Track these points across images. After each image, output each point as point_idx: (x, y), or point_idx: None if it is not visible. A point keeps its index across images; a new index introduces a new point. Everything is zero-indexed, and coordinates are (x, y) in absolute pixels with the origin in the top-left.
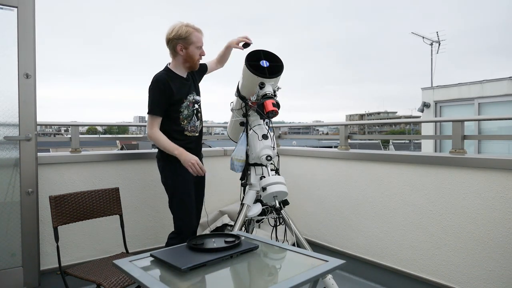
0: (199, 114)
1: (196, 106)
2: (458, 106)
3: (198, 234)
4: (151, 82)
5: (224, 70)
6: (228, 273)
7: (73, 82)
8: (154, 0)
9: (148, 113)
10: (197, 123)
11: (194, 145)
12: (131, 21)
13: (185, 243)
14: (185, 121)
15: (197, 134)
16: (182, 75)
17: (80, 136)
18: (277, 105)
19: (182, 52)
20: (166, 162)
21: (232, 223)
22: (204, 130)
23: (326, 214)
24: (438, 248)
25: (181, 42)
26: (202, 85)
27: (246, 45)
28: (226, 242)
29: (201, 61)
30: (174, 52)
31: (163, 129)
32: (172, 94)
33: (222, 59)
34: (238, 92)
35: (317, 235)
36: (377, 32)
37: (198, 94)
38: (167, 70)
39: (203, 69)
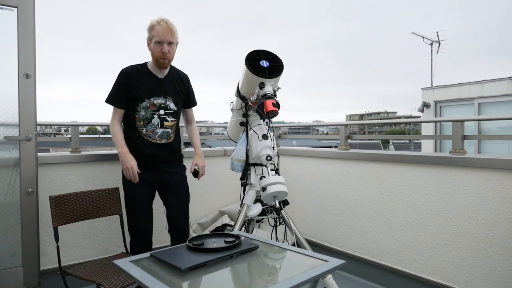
0: (165, 123)
1: (162, 112)
2: (458, 106)
3: (198, 234)
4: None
5: (224, 70)
6: (228, 273)
7: (73, 82)
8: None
9: (105, 100)
10: (159, 130)
11: (162, 153)
12: (131, 21)
13: (185, 243)
14: (141, 122)
15: (163, 142)
16: (156, 74)
17: (80, 136)
18: (277, 105)
19: (148, 47)
20: None
21: (232, 223)
22: (204, 130)
23: (326, 214)
24: (438, 248)
25: (148, 35)
26: (202, 84)
27: (196, 173)
28: (226, 242)
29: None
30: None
31: (125, 123)
32: (132, 89)
33: (187, 130)
34: (238, 92)
35: (317, 235)
36: (377, 32)
37: (175, 102)
38: (142, 64)
39: (186, 86)
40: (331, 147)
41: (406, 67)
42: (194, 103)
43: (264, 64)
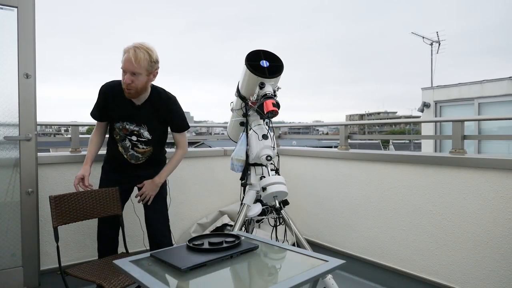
0: (135, 148)
1: (134, 138)
2: (458, 106)
3: (198, 234)
4: None
5: (224, 70)
6: (228, 273)
7: (73, 82)
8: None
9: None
10: (129, 151)
11: (134, 168)
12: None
13: (185, 243)
14: (118, 136)
15: (132, 163)
16: (135, 100)
17: (80, 136)
18: (277, 105)
19: None
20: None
21: (232, 223)
22: (204, 130)
23: (326, 214)
24: (438, 248)
25: None
26: (202, 83)
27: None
28: (226, 242)
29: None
30: None
31: (110, 128)
32: (107, 108)
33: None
34: (238, 92)
35: (317, 235)
36: (377, 32)
37: (150, 130)
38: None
39: (167, 111)
40: (331, 147)
41: (406, 67)
42: (181, 127)
43: (264, 64)
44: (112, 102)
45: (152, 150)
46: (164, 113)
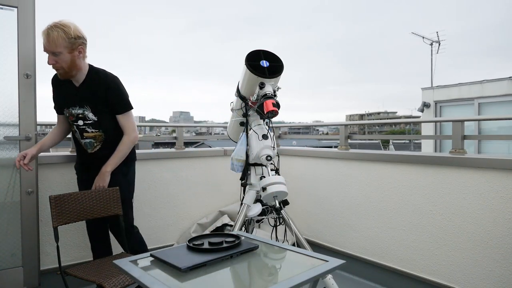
0: (84, 133)
1: (80, 123)
2: (458, 106)
3: (198, 234)
4: None
5: (224, 70)
6: (228, 273)
7: None
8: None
9: None
10: (82, 141)
11: (94, 160)
12: (132, 21)
13: (185, 243)
14: (73, 129)
15: (90, 152)
16: (74, 82)
17: None
18: (277, 105)
19: None
20: None
21: (232, 223)
22: (204, 130)
23: (326, 214)
24: (438, 248)
25: None
26: (202, 83)
27: None
28: (226, 242)
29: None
30: None
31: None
32: (55, 98)
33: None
34: (238, 92)
35: (317, 235)
36: (377, 32)
37: (95, 111)
38: None
39: (107, 91)
40: (331, 147)
41: (406, 67)
42: (122, 108)
43: (264, 64)
44: (58, 90)
45: (103, 135)
46: (103, 93)
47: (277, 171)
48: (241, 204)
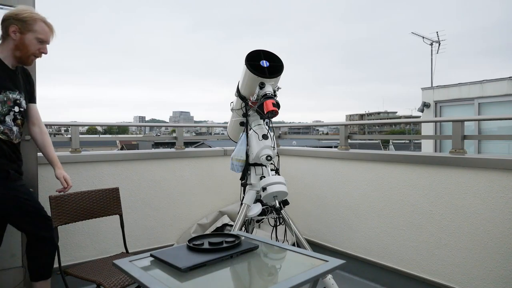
0: (17, 121)
1: (16, 109)
2: (458, 106)
3: (198, 234)
4: None
5: (224, 69)
6: (228, 273)
7: (73, 82)
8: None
9: None
10: (14, 128)
11: (5, 152)
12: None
13: (185, 243)
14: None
15: (13, 142)
16: (7, 64)
17: (80, 136)
18: (277, 105)
19: (14, 35)
20: None
21: (232, 223)
22: (204, 130)
23: (326, 214)
24: (438, 248)
25: (17, 23)
26: (202, 83)
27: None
28: (226, 242)
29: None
30: (5, 34)
31: None
32: None
33: (37, 137)
34: (238, 92)
35: (317, 235)
36: (377, 32)
37: (27, 99)
38: None
39: (30, 83)
40: (331, 147)
41: (406, 67)
42: (35, 98)
43: (264, 64)
44: None
45: (22, 123)
46: (27, 77)
47: (277, 171)
48: (241, 204)
